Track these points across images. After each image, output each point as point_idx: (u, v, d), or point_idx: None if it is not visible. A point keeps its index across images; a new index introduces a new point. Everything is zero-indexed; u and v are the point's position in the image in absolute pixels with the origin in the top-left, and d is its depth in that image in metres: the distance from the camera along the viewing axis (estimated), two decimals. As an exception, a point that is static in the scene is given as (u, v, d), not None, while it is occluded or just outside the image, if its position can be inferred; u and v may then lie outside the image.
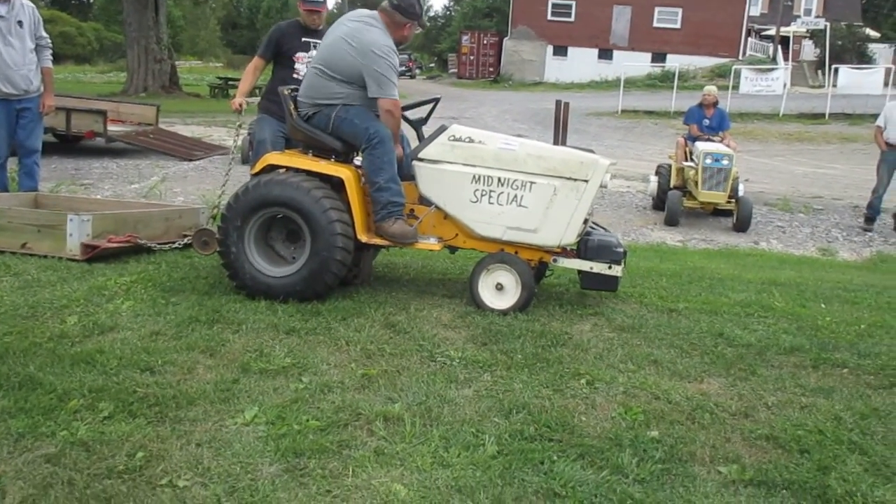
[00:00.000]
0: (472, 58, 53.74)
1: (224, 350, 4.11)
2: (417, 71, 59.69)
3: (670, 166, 12.45)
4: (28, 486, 2.75)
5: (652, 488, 2.97)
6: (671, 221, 11.60)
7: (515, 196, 5.06)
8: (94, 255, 5.75)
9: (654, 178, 12.71)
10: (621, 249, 5.27)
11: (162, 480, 2.83)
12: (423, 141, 5.26)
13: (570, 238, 5.12)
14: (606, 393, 3.85)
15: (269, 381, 3.75)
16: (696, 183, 11.59)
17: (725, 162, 11.42)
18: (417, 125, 5.52)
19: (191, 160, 14.71)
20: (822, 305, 5.96)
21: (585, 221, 5.23)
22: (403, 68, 54.19)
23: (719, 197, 11.53)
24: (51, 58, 7.58)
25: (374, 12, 5.22)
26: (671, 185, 12.19)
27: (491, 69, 52.61)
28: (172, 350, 4.06)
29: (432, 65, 71.11)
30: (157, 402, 3.42)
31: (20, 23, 7.17)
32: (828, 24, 39.79)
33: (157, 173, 13.15)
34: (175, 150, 15.14)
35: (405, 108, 5.41)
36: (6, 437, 3.06)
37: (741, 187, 11.82)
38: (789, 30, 46.71)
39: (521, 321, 4.86)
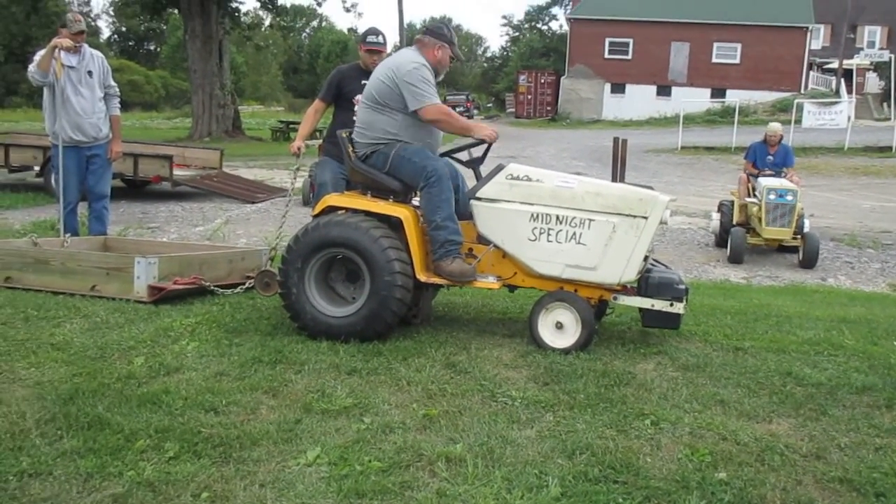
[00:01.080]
0: (529, 97, 53.96)
1: (286, 390, 4.15)
2: (475, 111, 60.10)
3: (732, 202, 12.25)
4: (96, 525, 2.80)
5: (721, 532, 2.90)
6: (735, 259, 11.38)
7: (574, 234, 5.03)
8: (160, 297, 5.87)
9: (716, 215, 12.52)
10: (683, 286, 5.18)
11: (226, 521, 2.85)
12: (481, 180, 5.27)
13: (630, 275, 5.06)
14: (672, 434, 3.77)
15: (331, 421, 3.77)
16: (760, 219, 11.38)
17: (790, 197, 11.21)
18: (475, 165, 5.54)
19: (253, 203, 14.99)
20: (895, 343, 5.78)
21: (646, 258, 5.17)
22: (461, 108, 54.64)
23: (784, 233, 11.31)
24: (119, 106, 7.85)
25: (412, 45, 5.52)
26: (734, 222, 11.97)
27: (549, 108, 52.75)
28: (236, 391, 4.10)
29: (490, 105, 71.65)
30: (221, 443, 3.46)
31: (90, 73, 7.45)
32: (892, 56, 39.11)
33: (221, 216, 13.41)
34: (238, 193, 15.45)
35: (459, 150, 5.48)
36: (75, 476, 3.12)
37: (806, 223, 11.55)
38: (852, 62, 45.98)
39: (583, 360, 4.80)
